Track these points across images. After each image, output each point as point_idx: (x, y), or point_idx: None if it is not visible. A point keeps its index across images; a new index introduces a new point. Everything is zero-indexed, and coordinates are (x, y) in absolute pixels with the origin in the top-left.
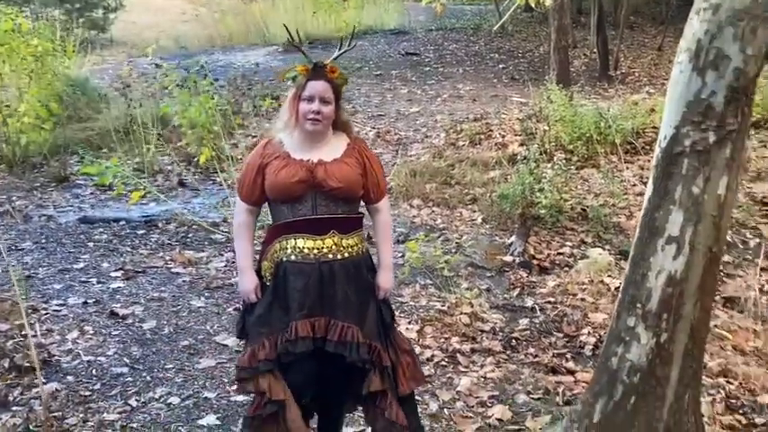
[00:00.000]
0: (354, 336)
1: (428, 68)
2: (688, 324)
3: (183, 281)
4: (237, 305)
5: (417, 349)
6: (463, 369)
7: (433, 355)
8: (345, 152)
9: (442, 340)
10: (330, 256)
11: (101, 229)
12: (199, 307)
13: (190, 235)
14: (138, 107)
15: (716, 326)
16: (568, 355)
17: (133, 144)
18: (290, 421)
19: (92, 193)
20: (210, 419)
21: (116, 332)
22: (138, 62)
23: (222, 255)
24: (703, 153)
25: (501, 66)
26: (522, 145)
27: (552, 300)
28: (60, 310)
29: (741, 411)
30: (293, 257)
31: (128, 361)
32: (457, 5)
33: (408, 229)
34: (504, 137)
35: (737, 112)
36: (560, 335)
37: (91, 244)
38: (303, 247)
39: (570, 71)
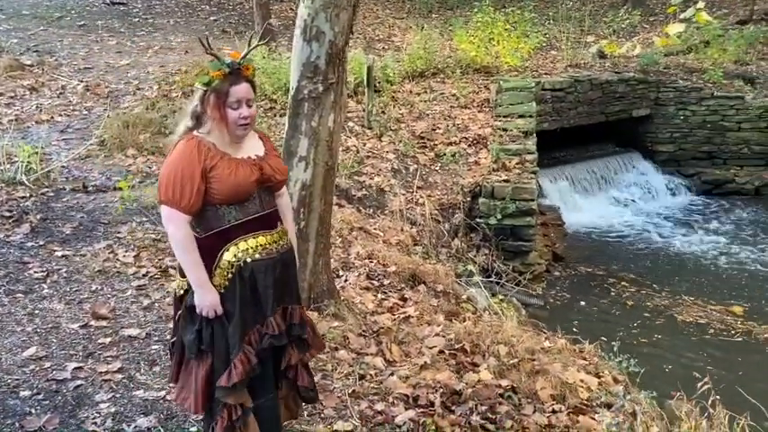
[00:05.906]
0: (303, 314)
1: (137, 19)
2: (317, 214)
3: None
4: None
5: (133, 269)
6: (172, 279)
7: (148, 272)
8: (266, 146)
9: (156, 261)
10: (285, 246)
11: None
12: None
13: None
14: None
15: (375, 228)
16: None
17: None
18: (251, 424)
19: None
20: None
21: None
22: None
23: None
24: (316, 99)
25: (212, 18)
26: None
27: None
28: None
29: (375, 278)
30: (257, 256)
31: None
32: None
33: (124, 178)
34: None
35: (335, 70)
36: None
37: None
38: (265, 244)
39: (274, 26)
